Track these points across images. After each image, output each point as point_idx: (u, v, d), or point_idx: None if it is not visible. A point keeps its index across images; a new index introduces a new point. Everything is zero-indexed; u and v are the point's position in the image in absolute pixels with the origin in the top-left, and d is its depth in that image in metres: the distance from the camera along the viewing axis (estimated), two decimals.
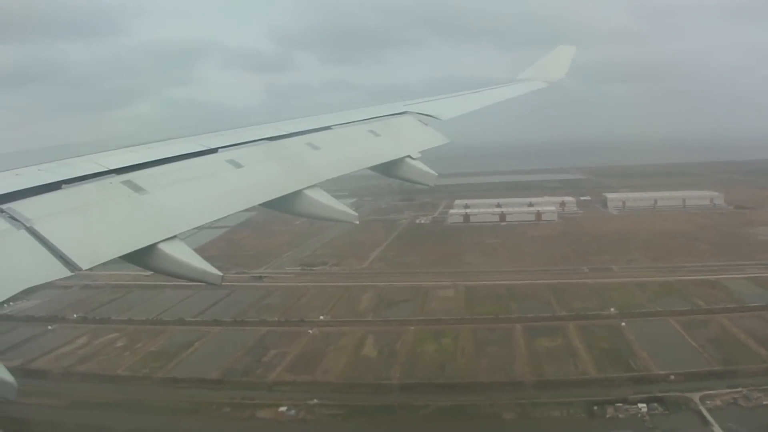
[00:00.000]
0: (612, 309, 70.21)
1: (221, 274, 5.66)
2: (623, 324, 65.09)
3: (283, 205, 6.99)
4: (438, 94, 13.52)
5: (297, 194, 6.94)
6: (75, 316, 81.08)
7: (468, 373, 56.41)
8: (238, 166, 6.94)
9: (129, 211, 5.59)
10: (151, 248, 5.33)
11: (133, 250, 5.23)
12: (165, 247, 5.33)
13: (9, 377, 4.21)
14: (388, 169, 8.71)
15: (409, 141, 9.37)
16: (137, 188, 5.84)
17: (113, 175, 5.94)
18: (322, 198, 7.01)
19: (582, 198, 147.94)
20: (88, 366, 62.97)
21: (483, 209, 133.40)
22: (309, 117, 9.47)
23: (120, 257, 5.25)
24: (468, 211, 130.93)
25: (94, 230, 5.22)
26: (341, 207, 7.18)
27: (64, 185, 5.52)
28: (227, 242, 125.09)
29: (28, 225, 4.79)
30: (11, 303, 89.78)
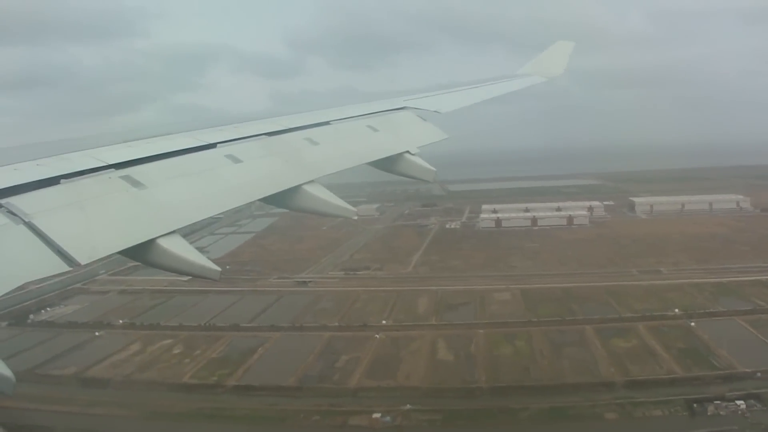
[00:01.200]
0: (676, 310, 70.10)
1: (219, 269, 5.53)
2: (692, 324, 64.91)
3: (282, 200, 6.86)
4: (451, 87, 13.30)
5: (296, 189, 6.80)
6: (121, 321, 79.01)
7: (555, 375, 55.47)
8: (236, 161, 6.82)
9: (128, 206, 5.50)
10: (150, 243, 5.23)
11: (132, 245, 5.12)
12: (164, 243, 5.23)
13: (7, 372, 4.12)
14: (387, 164, 8.52)
15: (408, 136, 9.18)
16: (136, 183, 5.75)
17: (112, 170, 5.82)
18: (321, 193, 6.87)
19: (605, 203, 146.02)
20: (149, 374, 61.61)
21: (513, 214, 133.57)
22: (308, 112, 9.26)
23: (119, 252, 5.12)
24: (500, 215, 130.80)
25: (93, 225, 5.11)
26: (340, 202, 6.99)
27: (62, 180, 5.41)
28: (258, 247, 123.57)
29: (26, 220, 4.69)
30: (48, 308, 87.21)
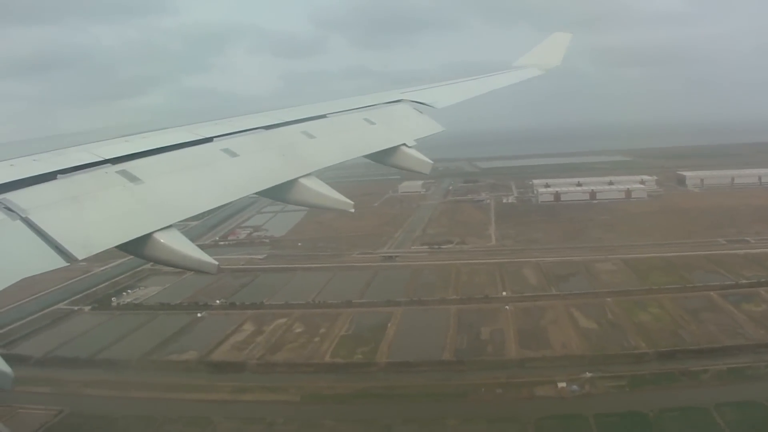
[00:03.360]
0: None
1: (217, 263, 5.46)
2: None
3: (279, 194, 6.77)
4: (447, 80, 13.26)
5: (292, 183, 6.72)
6: (218, 302, 76.11)
7: (709, 338, 55.12)
8: (233, 155, 6.73)
9: (124, 200, 5.42)
10: (147, 238, 5.13)
11: (128, 239, 5.03)
12: (161, 237, 5.14)
13: (5, 367, 4.04)
14: (384, 157, 8.45)
15: (404, 129, 9.15)
16: (132, 178, 5.66)
17: (108, 164, 5.74)
18: (318, 186, 6.80)
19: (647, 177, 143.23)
20: (284, 355, 58.05)
21: (569, 188, 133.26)
22: (304, 105, 9.21)
23: (116, 247, 5.02)
24: (559, 189, 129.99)
25: (90, 220, 5.03)
26: (337, 195, 6.91)
27: (59, 175, 5.33)
28: (318, 224, 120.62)
29: (23, 215, 4.62)
30: (129, 291, 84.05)
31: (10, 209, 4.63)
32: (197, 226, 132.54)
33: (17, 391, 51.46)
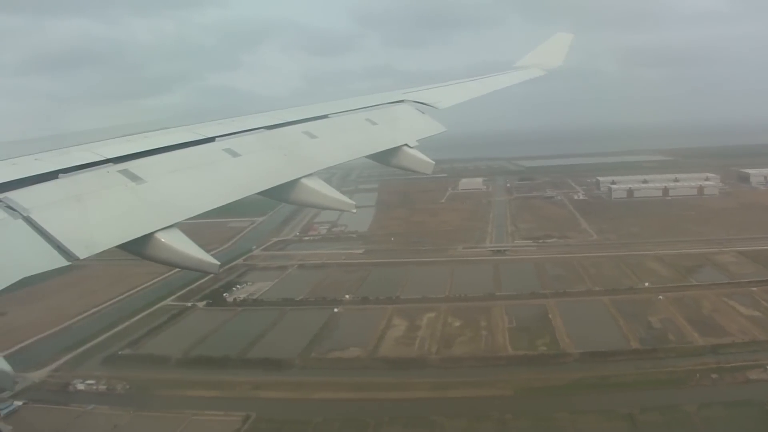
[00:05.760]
0: None
1: (218, 263, 5.42)
2: None
3: (281, 194, 6.66)
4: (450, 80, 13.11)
5: (294, 183, 6.62)
6: (347, 296, 74.77)
7: None
8: (235, 155, 6.65)
9: (126, 200, 5.34)
10: (149, 237, 5.07)
11: (130, 239, 4.98)
12: (162, 237, 5.09)
13: (8, 368, 4.03)
14: (386, 157, 8.32)
15: (406, 129, 9.01)
16: (134, 177, 5.59)
17: (110, 164, 5.67)
18: (320, 187, 6.68)
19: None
20: (461, 349, 55.83)
21: (637, 185, 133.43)
22: (306, 106, 9.11)
23: (117, 246, 4.98)
24: (632, 186, 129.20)
25: (91, 220, 4.96)
26: (338, 196, 6.82)
27: (61, 175, 5.29)
28: (398, 220, 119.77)
29: (25, 214, 4.59)
30: (237, 287, 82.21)
31: (11, 208, 4.58)
32: (265, 221, 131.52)
33: (179, 396, 49.27)
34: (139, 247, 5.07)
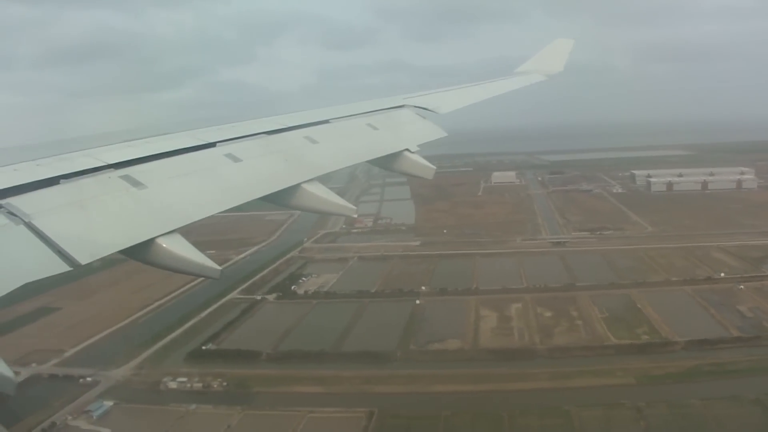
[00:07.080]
0: None
1: (220, 268, 5.44)
2: None
3: (282, 199, 6.68)
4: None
5: (295, 188, 6.66)
6: (424, 288, 74.53)
7: None
8: (236, 160, 6.68)
9: (127, 205, 5.40)
10: (150, 243, 5.12)
11: (132, 244, 5.03)
12: (164, 242, 5.13)
13: (8, 372, 4.07)
14: (387, 162, 8.41)
15: (407, 134, 9.15)
16: (136, 183, 5.63)
17: (111, 169, 5.71)
18: (321, 192, 6.74)
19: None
20: (562, 339, 56.81)
21: (675, 178, 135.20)
22: (307, 111, 9.22)
23: (119, 252, 5.03)
24: (671, 179, 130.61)
25: (93, 225, 5.00)
26: (339, 201, 6.89)
27: (62, 180, 5.34)
28: (443, 213, 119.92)
29: (26, 220, 4.62)
30: (304, 278, 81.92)
31: (13, 214, 4.63)
32: (303, 214, 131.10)
33: (284, 392, 48.74)
34: (140, 253, 5.08)
